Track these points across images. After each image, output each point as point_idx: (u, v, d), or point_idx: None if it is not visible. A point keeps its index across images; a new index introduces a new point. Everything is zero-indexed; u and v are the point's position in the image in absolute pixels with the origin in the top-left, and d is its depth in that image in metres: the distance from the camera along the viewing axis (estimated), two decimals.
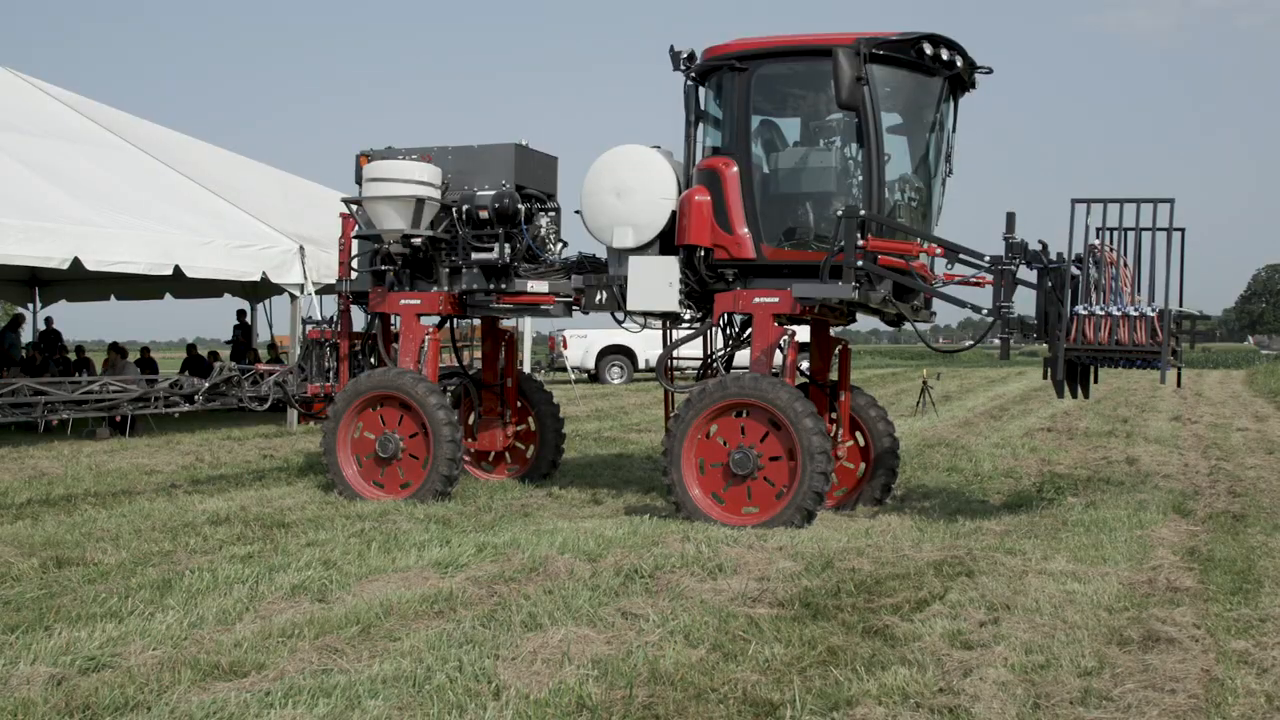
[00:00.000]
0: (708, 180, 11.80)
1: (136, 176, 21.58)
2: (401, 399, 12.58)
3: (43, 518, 11.54)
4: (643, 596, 8.11)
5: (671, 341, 12.93)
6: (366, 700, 5.90)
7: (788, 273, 11.62)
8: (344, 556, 9.39)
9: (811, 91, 11.95)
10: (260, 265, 20.26)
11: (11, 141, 20.19)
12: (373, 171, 12.84)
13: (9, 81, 24.58)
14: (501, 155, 13.14)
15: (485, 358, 14.84)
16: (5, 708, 5.76)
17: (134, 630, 7.21)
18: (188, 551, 9.85)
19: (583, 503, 12.91)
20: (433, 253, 13.15)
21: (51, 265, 17.23)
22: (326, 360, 14.07)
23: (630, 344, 39.05)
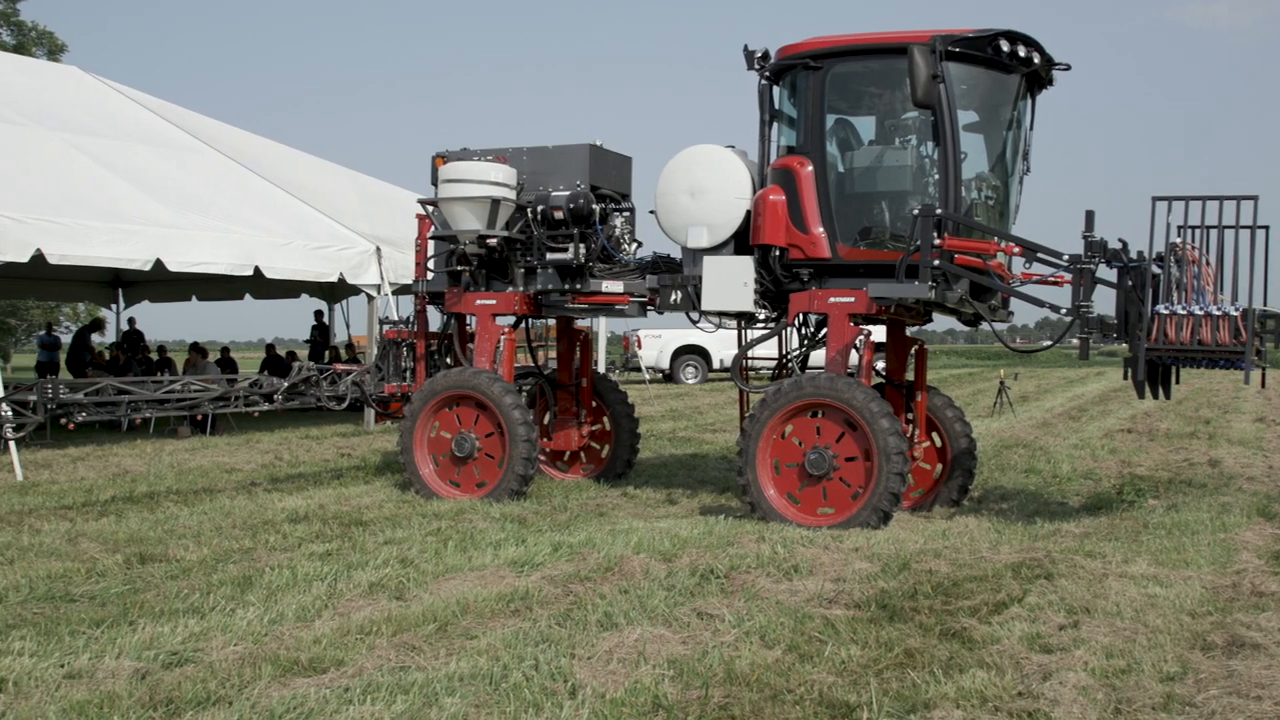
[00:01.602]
0: (782, 180, 11.77)
1: (216, 179, 21.88)
2: (477, 399, 12.66)
3: (126, 515, 11.74)
4: (718, 597, 8.10)
5: (746, 342, 12.90)
6: (444, 698, 5.95)
7: (863, 272, 11.56)
8: (421, 555, 9.47)
9: (887, 90, 11.88)
10: (338, 266, 20.46)
11: (96, 145, 20.56)
12: (448, 173, 12.93)
13: (93, 86, 25.03)
14: (576, 156, 13.18)
15: (560, 358, 14.90)
16: (91, 700, 5.87)
17: (215, 626, 7.31)
18: (267, 549, 9.99)
19: (658, 502, 12.92)
20: (508, 253, 13.22)
21: (134, 267, 17.51)
22: (403, 360, 14.19)
23: (705, 344, 39.01)
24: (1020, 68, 11.50)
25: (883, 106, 11.99)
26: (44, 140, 19.84)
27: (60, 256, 16.24)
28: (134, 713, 5.75)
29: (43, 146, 19.51)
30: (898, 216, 11.57)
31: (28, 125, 20.26)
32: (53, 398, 11.36)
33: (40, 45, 47.34)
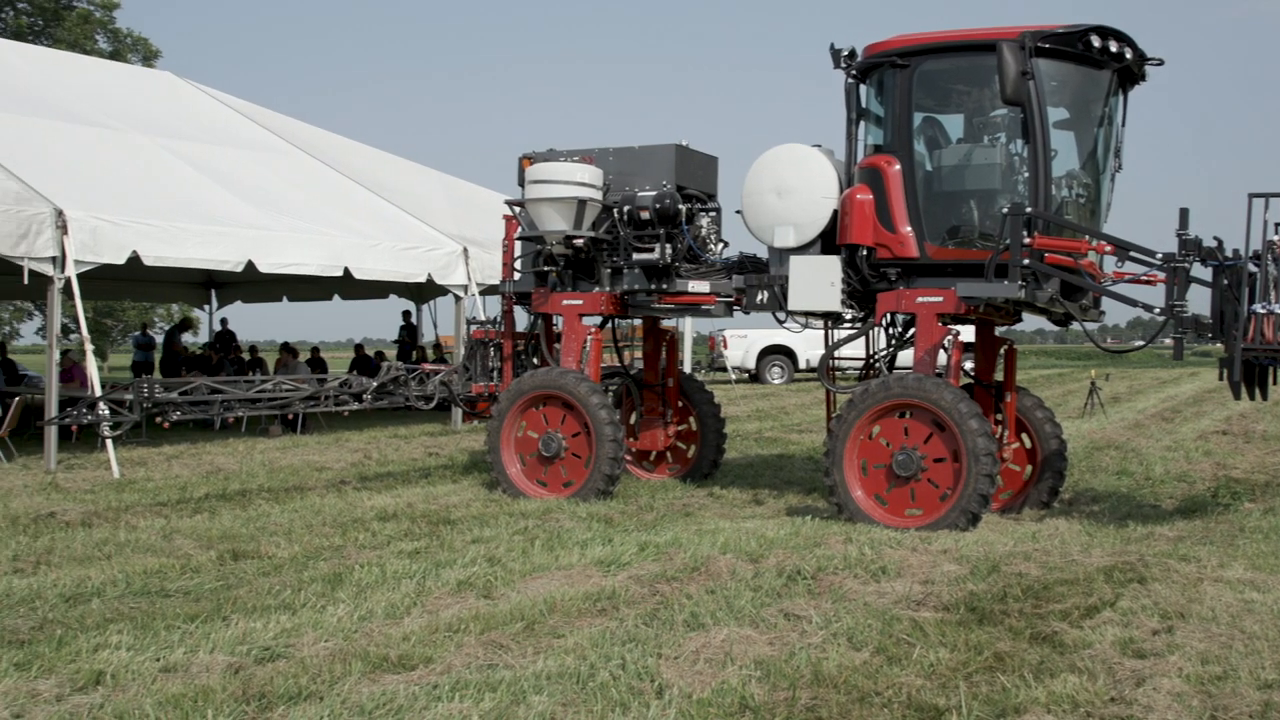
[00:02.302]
0: (869, 179, 11.70)
1: (306, 181, 22.17)
2: (564, 398, 12.71)
3: (219, 512, 11.93)
4: (805, 598, 8.07)
5: (833, 342, 12.83)
6: (531, 696, 5.98)
7: (952, 271, 11.45)
8: (508, 553, 9.53)
9: (975, 87, 11.77)
10: (426, 267, 20.63)
11: (189, 149, 20.91)
12: (535, 174, 13.00)
13: (186, 91, 25.47)
14: (662, 156, 13.19)
15: (646, 358, 14.92)
16: (186, 694, 5.97)
17: (307, 622, 7.41)
18: (357, 546, 10.10)
19: (744, 503, 12.89)
20: (594, 253, 13.26)
21: (226, 268, 17.78)
22: (490, 360, 14.27)
23: (791, 344, 38.87)
24: (1111, 63, 11.34)
25: (971, 104, 11.87)
26: (139, 145, 20.23)
27: (155, 258, 16.54)
28: (227, 706, 5.84)
29: (138, 151, 19.89)
30: (987, 215, 11.46)
31: (124, 130, 20.66)
32: (149, 397, 11.57)
33: (135, 51, 48.26)
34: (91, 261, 15.63)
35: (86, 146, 19.05)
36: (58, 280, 15.30)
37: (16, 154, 16.89)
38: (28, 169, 16.33)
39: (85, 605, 7.95)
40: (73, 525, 11.09)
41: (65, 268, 15.27)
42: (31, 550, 9.83)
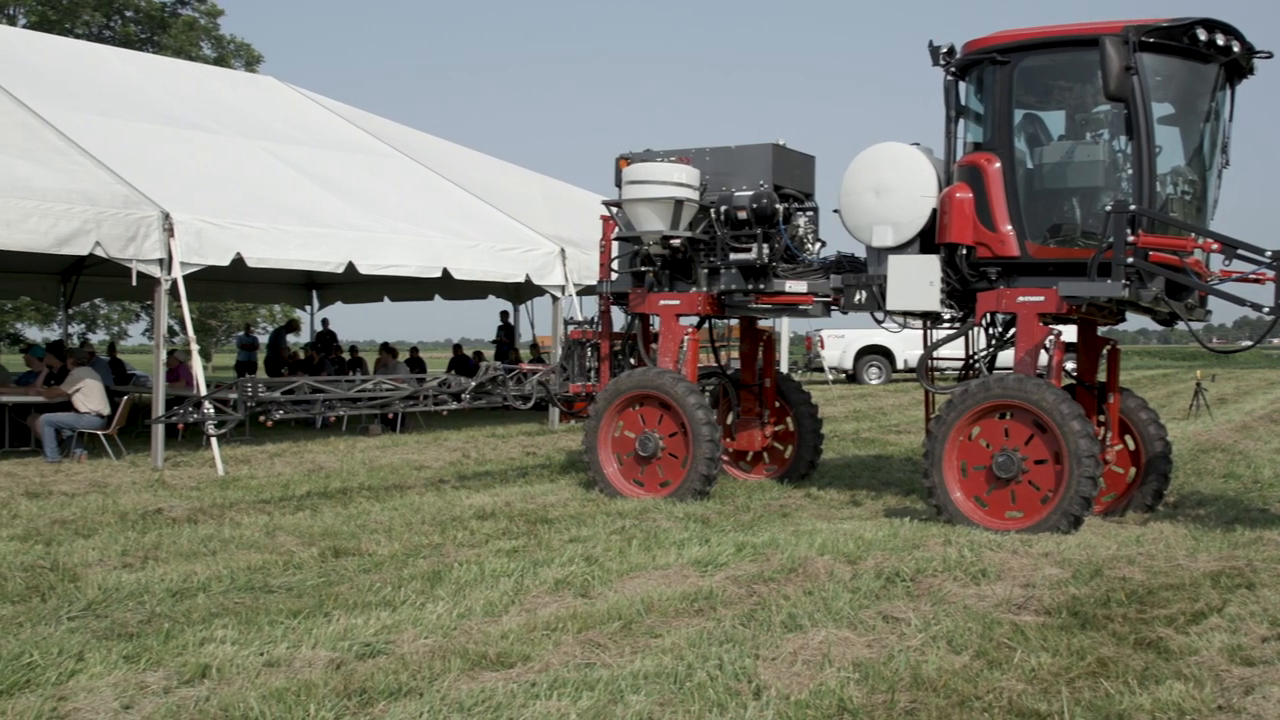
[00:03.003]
0: (969, 177, 11.58)
1: (405, 183, 22.42)
2: (661, 398, 12.72)
3: (321, 509, 12.09)
4: (904, 600, 8.00)
5: (932, 342, 12.71)
6: (629, 695, 5.99)
7: (1053, 270, 11.29)
8: (605, 553, 9.55)
9: (1077, 83, 11.59)
10: (523, 267, 20.76)
11: (291, 152, 21.24)
12: (632, 174, 13.02)
13: (288, 95, 25.89)
14: (759, 155, 13.16)
15: (743, 358, 14.89)
16: (289, 688, 6.06)
17: (406, 619, 7.49)
18: (456, 545, 10.18)
19: (841, 504, 12.82)
20: (691, 253, 13.25)
21: (328, 269, 18.02)
22: (587, 360, 14.32)
23: (889, 344, 38.59)
24: (1218, 57, 11.10)
25: (1073, 100, 11.70)
26: (243, 148, 20.59)
27: (258, 260, 16.81)
28: (329, 701, 5.92)
29: (242, 154, 20.24)
30: (1089, 213, 11.28)
31: (228, 134, 21.04)
32: (252, 396, 11.76)
33: (239, 57, 49.12)
34: (197, 263, 15.92)
35: (192, 151, 19.42)
36: (164, 282, 15.61)
37: (125, 159, 17.27)
38: (136, 173, 16.68)
39: (191, 600, 8.10)
40: (179, 521, 11.30)
41: (172, 269, 15.58)
42: (139, 545, 10.04)
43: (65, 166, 16.17)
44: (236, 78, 29.08)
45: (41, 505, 12.35)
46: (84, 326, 47.28)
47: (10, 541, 10.23)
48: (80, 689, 6.12)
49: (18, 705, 5.84)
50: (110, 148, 17.54)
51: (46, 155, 16.40)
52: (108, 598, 8.13)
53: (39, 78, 20.02)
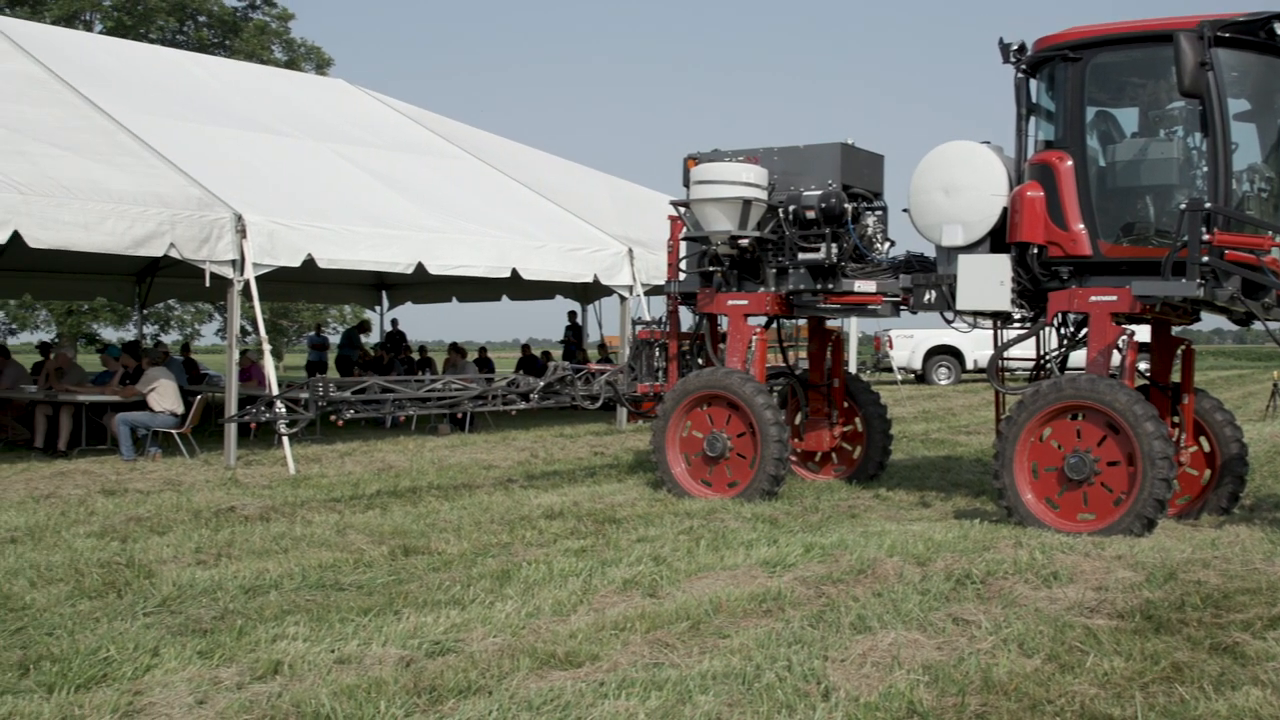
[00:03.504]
0: (1040, 175, 11.46)
1: (474, 184, 22.54)
2: (729, 399, 12.70)
3: (391, 508, 12.18)
4: (974, 602, 7.94)
5: (1003, 342, 12.60)
6: (697, 695, 5.98)
7: (1126, 270, 11.15)
8: (673, 553, 9.55)
9: (1150, 80, 11.44)
10: (591, 268, 20.81)
11: (361, 154, 21.42)
12: (700, 174, 13.01)
13: (358, 98, 26.12)
14: (827, 155, 13.11)
15: (812, 358, 14.83)
16: (360, 685, 6.11)
17: (475, 618, 7.53)
18: (524, 544, 10.22)
19: (910, 505, 12.74)
20: (760, 253, 13.23)
21: (397, 270, 18.14)
22: (655, 360, 14.33)
23: (958, 344, 38.31)
24: None
25: (1146, 97, 11.55)
26: (314, 150, 20.80)
27: (329, 261, 16.97)
28: (399, 699, 5.96)
29: (313, 156, 20.45)
30: (1163, 211, 11.12)
31: (299, 137, 21.26)
32: (324, 396, 11.86)
33: (309, 60, 49.62)
34: (269, 264, 16.11)
35: (264, 153, 19.65)
36: (237, 282, 15.80)
37: (199, 161, 17.50)
38: (209, 175, 16.90)
39: (263, 597, 8.19)
40: (251, 519, 11.43)
41: (244, 270, 15.77)
42: (213, 543, 10.16)
43: (141, 170, 16.41)
44: (307, 81, 29.38)
45: (118, 503, 12.54)
46: (158, 327, 47.98)
47: (87, 538, 10.40)
48: (155, 684, 6.21)
49: (95, 699, 5.94)
50: (184, 150, 17.77)
51: (122, 159, 16.65)
52: (182, 594, 8.24)
53: (115, 83, 20.32)
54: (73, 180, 15.10)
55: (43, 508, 12.14)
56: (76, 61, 20.53)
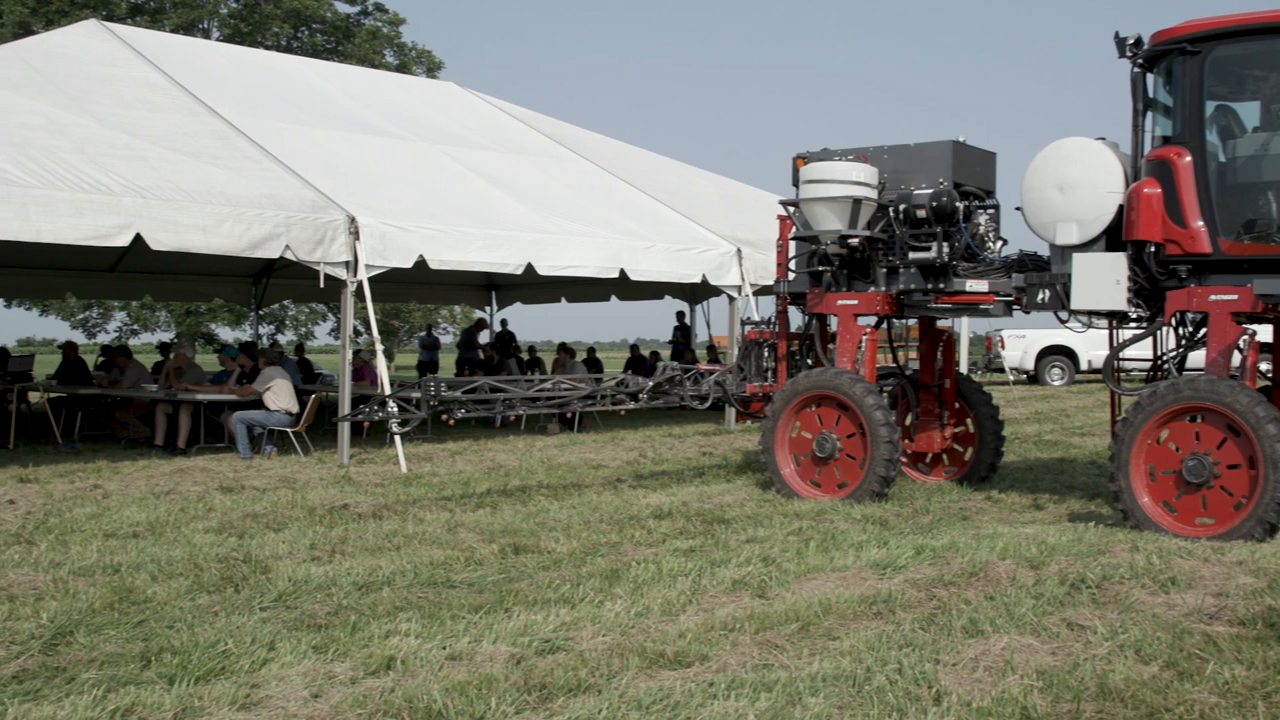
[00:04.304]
0: (1158, 172, 11.23)
1: (583, 184, 22.64)
2: (839, 399, 12.62)
3: (500, 507, 12.28)
4: (1089, 607, 7.80)
5: (1119, 342, 12.37)
6: (807, 697, 5.95)
7: (1247, 268, 10.89)
8: (783, 554, 9.52)
9: (1273, 72, 11.16)
10: (700, 268, 20.79)
11: (472, 156, 21.63)
12: (809, 173, 12.95)
13: (468, 100, 26.38)
14: (938, 153, 12.98)
15: (922, 358, 14.69)
16: (471, 682, 6.17)
17: (585, 616, 7.56)
18: (633, 543, 10.24)
19: (1023, 508, 12.56)
20: (870, 253, 13.13)
21: (507, 270, 18.27)
22: (764, 360, 14.29)
23: (1071, 344, 37.68)
24: None
25: (1268, 90, 11.27)
26: (425, 153, 21.04)
27: (439, 262, 17.14)
28: (510, 696, 6.00)
29: (424, 158, 20.69)
30: None
31: (410, 139, 21.53)
32: (435, 395, 11.99)
33: (420, 64, 50.22)
34: (381, 265, 16.32)
35: (376, 155, 19.92)
36: (350, 284, 16.04)
37: (313, 164, 17.80)
38: (323, 178, 17.18)
39: (376, 593, 8.30)
40: (364, 517, 11.59)
41: (357, 271, 16.00)
42: (327, 540, 10.32)
43: (257, 173, 16.72)
44: (418, 84, 29.73)
45: (234, 499, 12.80)
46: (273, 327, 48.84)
47: (206, 534, 10.63)
48: (272, 677, 6.32)
49: (214, 690, 6.06)
50: (299, 154, 18.09)
51: (240, 162, 16.98)
52: (297, 589, 8.38)
53: (232, 88, 20.75)
54: (192, 184, 15.45)
55: (163, 504, 12.42)
56: (194, 68, 21.00)
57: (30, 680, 6.29)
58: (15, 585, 8.46)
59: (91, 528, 10.97)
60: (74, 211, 14.03)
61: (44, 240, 13.99)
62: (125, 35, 21.86)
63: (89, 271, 26.27)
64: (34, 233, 13.79)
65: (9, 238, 13.67)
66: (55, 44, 20.49)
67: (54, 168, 14.52)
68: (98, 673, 6.39)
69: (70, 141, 15.68)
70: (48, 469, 15.23)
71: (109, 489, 13.55)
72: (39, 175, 14.18)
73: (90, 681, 6.21)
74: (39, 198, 13.80)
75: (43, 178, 14.16)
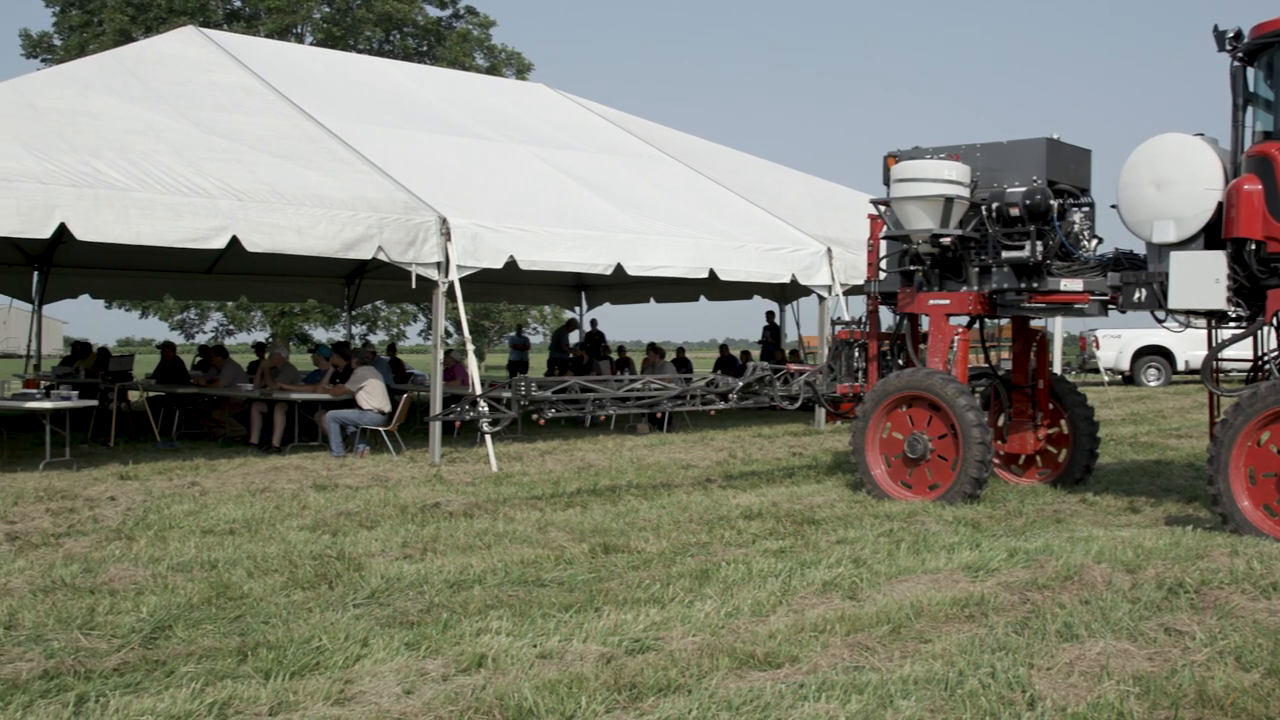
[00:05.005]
0: (1258, 168, 11.00)
1: (672, 185, 22.65)
2: (931, 399, 12.51)
3: (591, 506, 12.31)
4: (1187, 613, 7.66)
5: (1218, 342, 12.14)
6: (898, 700, 5.91)
7: None
8: (873, 555, 9.45)
9: None
10: (789, 268, 20.72)
11: (561, 157, 21.73)
12: (901, 172, 12.85)
13: (558, 102, 26.50)
14: (1032, 151, 12.82)
15: (1015, 358, 14.51)
16: (561, 680, 6.19)
17: (675, 616, 7.56)
18: (723, 544, 10.23)
19: (1119, 510, 12.36)
20: (962, 252, 13.00)
21: (597, 271, 18.34)
22: (855, 360, 14.20)
23: (1168, 344, 37.05)
24: None
25: None
26: (515, 154, 21.17)
27: (529, 262, 17.24)
28: (600, 695, 6.02)
29: (514, 160, 20.81)
30: None
31: (501, 140, 21.67)
32: (526, 395, 12.05)
33: (510, 65, 50.53)
34: (472, 266, 16.45)
35: (467, 157, 20.09)
36: (441, 284, 16.18)
37: (405, 166, 17.98)
38: (415, 180, 17.34)
39: (468, 591, 8.36)
40: (455, 515, 11.68)
41: (449, 272, 16.14)
42: (419, 538, 10.42)
43: (350, 175, 16.93)
44: (508, 86, 29.94)
45: (328, 497, 12.96)
46: (365, 327, 49.36)
47: (300, 531, 10.77)
48: (365, 673, 6.40)
49: (308, 685, 6.14)
50: (391, 156, 18.28)
51: (333, 165, 17.20)
52: (390, 587, 8.46)
53: (325, 91, 21.03)
54: (287, 186, 15.68)
55: (258, 501, 12.61)
56: (289, 72, 21.31)
57: (131, 673, 6.42)
58: (116, 580, 8.64)
59: (189, 524, 11.17)
60: (172, 214, 14.31)
61: (143, 242, 14.30)
62: (221, 41, 22.24)
63: (187, 273, 26.77)
64: (134, 235, 14.08)
65: (110, 240, 13.98)
66: (154, 51, 20.91)
67: (153, 171, 14.81)
68: (196, 666, 6.51)
69: (169, 145, 15.99)
70: (147, 466, 15.53)
71: (206, 486, 13.78)
72: (139, 179, 14.48)
73: (189, 675, 6.32)
74: (139, 201, 14.09)
75: (142, 181, 14.46)
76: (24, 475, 14.63)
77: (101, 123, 16.27)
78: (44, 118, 15.88)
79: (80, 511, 11.88)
